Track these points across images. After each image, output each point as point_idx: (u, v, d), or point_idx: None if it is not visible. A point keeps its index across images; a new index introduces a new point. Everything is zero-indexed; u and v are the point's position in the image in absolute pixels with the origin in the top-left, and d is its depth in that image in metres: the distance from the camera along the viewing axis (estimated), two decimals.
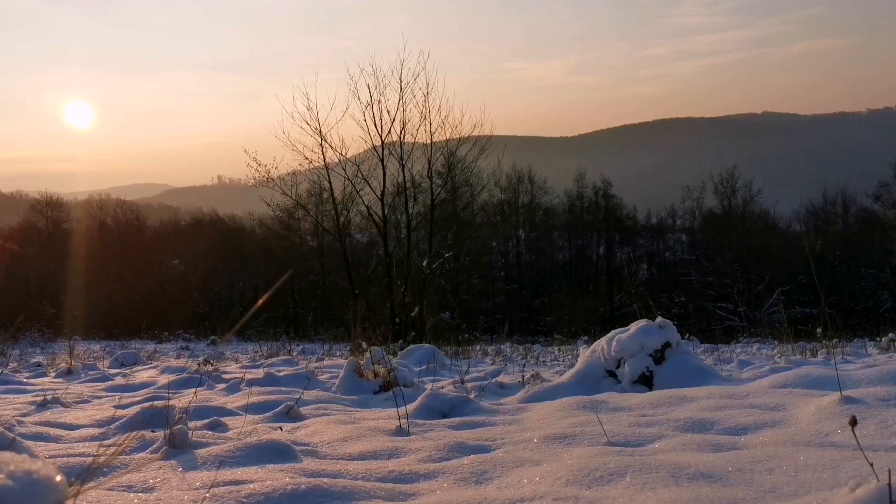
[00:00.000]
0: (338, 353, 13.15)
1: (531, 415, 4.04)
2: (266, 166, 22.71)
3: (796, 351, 10.12)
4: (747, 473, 2.27)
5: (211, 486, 2.28)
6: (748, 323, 38.10)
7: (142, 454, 3.04)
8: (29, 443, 2.97)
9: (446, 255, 25.12)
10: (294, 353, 13.58)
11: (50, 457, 3.03)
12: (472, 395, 5.04)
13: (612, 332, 6.02)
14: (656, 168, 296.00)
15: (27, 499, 0.93)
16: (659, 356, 5.63)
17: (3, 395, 6.07)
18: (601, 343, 6.01)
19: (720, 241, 47.90)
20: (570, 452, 2.77)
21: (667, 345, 5.67)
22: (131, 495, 2.26)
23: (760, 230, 50.53)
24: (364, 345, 6.90)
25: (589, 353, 6.15)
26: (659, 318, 5.87)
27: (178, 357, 14.00)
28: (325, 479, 2.28)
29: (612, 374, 5.82)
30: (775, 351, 11.08)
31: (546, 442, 3.06)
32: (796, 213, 58.26)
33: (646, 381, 5.50)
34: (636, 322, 5.96)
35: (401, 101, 21.68)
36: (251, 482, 2.30)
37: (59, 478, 1.01)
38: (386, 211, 22.65)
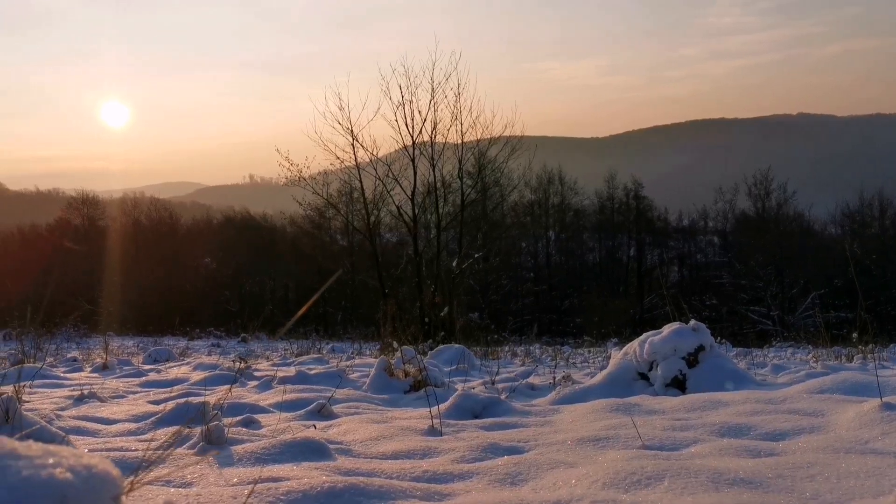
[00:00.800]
0: (367, 352, 13.19)
1: (563, 416, 4.01)
2: (298, 166, 22.89)
3: (831, 356, 9.96)
4: (788, 480, 2.23)
5: (248, 483, 2.30)
6: (782, 327, 37.57)
7: (178, 450, 3.07)
8: (70, 437, 3.02)
9: (476, 255, 25.11)
10: (324, 352, 13.65)
11: (89, 451, 3.07)
12: (502, 396, 5.02)
13: (645, 335, 5.97)
14: (688, 169, 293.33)
15: (87, 493, 0.95)
16: (692, 359, 5.57)
17: (42, 389, 6.18)
18: (633, 345, 5.96)
19: (753, 244, 47.24)
20: (605, 455, 2.75)
21: (700, 348, 5.61)
22: (171, 490, 2.29)
23: (795, 233, 49.76)
24: (395, 344, 6.92)
25: (621, 355, 6.10)
26: (692, 321, 5.81)
27: (209, 354, 14.14)
28: (362, 478, 2.29)
29: (644, 376, 5.77)
30: (810, 356, 10.91)
31: (580, 444, 3.04)
32: (832, 216, 57.29)
33: (678, 385, 5.45)
34: (669, 325, 5.91)
35: (432, 102, 21.71)
36: (288, 479, 2.31)
37: (115, 472, 1.03)
38: (416, 211, 22.69)
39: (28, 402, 4.96)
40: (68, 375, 8.00)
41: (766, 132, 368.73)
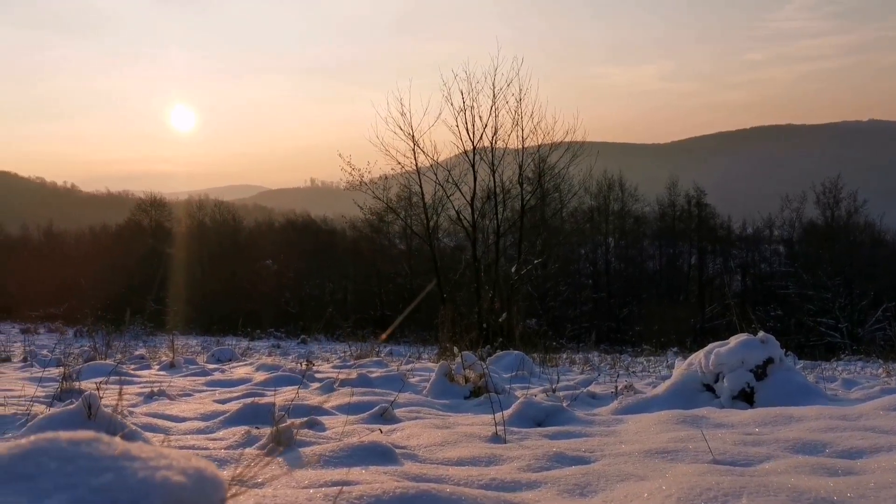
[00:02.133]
0: (425, 357, 13.23)
1: (628, 427, 3.96)
2: (359, 170, 23.14)
3: None
4: (871, 500, 2.15)
5: (320, 486, 2.33)
6: (850, 340, 36.40)
7: (248, 450, 3.13)
8: (149, 434, 3.10)
9: (535, 261, 24.97)
10: (382, 355, 13.73)
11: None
12: (564, 404, 4.98)
13: (710, 346, 5.85)
14: (753, 176, 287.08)
15: (199, 495, 0.97)
16: (760, 372, 5.43)
17: (113, 386, 6.36)
18: (698, 356, 5.85)
19: (821, 254, 45.93)
20: (675, 469, 2.70)
21: (769, 360, 5.47)
22: (250, 491, 2.33)
23: (865, 243, 48.22)
24: (456, 349, 6.92)
25: (685, 365, 5.99)
26: (761, 333, 5.67)
27: (269, 354, 14.38)
28: (433, 485, 2.29)
29: (709, 388, 5.66)
30: (881, 370, 10.55)
31: (647, 456, 2.99)
32: None
33: (746, 398, 5.32)
34: (736, 336, 5.78)
35: (493, 107, 21.69)
36: (358, 483, 2.33)
37: (220, 475, 1.06)
38: (475, 216, 22.69)
39: (102, 398, 5.12)
40: (137, 373, 8.22)
41: (834, 139, 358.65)
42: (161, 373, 8.39)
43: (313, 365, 8.88)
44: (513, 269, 22.84)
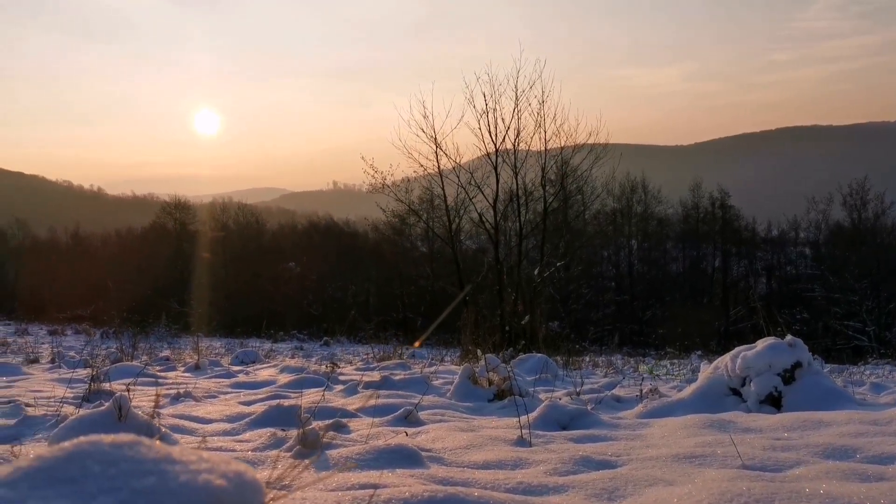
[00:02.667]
0: (448, 359, 13.21)
1: (654, 431, 3.93)
2: (382, 173, 23.20)
3: None
4: None
5: (348, 488, 2.34)
6: (878, 343, 35.90)
7: (275, 452, 3.15)
8: (177, 435, 3.13)
9: (558, 263, 24.87)
10: (405, 357, 13.73)
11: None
12: (589, 408, 4.96)
13: (737, 349, 5.80)
14: (778, 178, 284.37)
15: (240, 499, 0.98)
16: (788, 376, 5.37)
17: (140, 388, 6.43)
18: (724, 359, 5.80)
19: (847, 256, 45.38)
20: (703, 474, 2.68)
21: (797, 364, 5.41)
22: (281, 494, 2.33)
23: (893, 245, 47.57)
24: (479, 352, 6.92)
25: (711, 369, 5.95)
26: (788, 336, 5.62)
27: (292, 356, 14.44)
28: (461, 488, 2.29)
29: (735, 392, 5.61)
30: None
31: (675, 461, 2.97)
32: None
33: (774, 402, 5.27)
34: (763, 339, 5.72)
35: (516, 109, 21.66)
36: (386, 486, 2.34)
37: (259, 478, 1.07)
38: (498, 218, 22.66)
39: (131, 399, 5.17)
40: (162, 374, 8.30)
41: (861, 140, 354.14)
42: (186, 374, 8.46)
43: (337, 367, 8.91)
44: (535, 272, 22.78)
